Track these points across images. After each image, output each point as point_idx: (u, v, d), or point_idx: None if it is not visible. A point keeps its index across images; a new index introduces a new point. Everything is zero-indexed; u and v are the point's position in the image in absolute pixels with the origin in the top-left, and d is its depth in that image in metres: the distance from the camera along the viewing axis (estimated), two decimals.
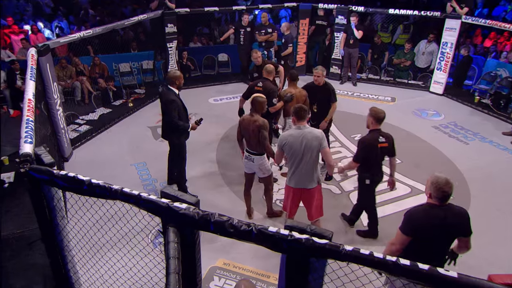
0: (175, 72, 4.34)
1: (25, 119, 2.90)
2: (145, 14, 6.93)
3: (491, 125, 6.80)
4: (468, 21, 7.44)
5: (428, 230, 2.50)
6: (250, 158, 4.04)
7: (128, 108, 7.25)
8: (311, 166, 3.43)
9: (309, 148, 3.37)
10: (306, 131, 3.41)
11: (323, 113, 5.02)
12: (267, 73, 5.00)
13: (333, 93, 4.95)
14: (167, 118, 4.29)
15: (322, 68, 4.96)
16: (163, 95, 4.34)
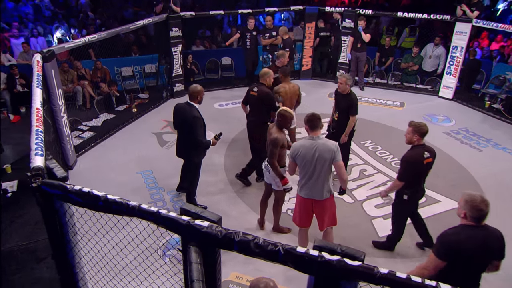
0: (196, 87, 4.15)
1: (34, 130, 2.85)
2: (150, 18, 6.88)
3: (504, 131, 6.75)
4: (479, 25, 7.41)
5: (467, 254, 2.38)
6: (267, 168, 3.94)
7: (132, 113, 7.20)
8: (323, 178, 3.36)
9: (322, 160, 3.29)
10: (319, 142, 3.33)
11: (344, 123, 4.92)
12: (261, 77, 4.88)
13: (354, 105, 4.78)
14: (190, 135, 4.13)
15: (347, 76, 4.89)
16: (182, 111, 4.15)
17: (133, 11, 12.45)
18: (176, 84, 7.87)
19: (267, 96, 4.75)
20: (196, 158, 4.34)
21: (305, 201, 3.49)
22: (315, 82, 9.09)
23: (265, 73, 4.90)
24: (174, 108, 4.30)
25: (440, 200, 4.79)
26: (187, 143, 4.24)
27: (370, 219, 4.50)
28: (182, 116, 4.15)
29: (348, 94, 4.88)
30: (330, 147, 3.31)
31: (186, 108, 4.13)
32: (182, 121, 4.17)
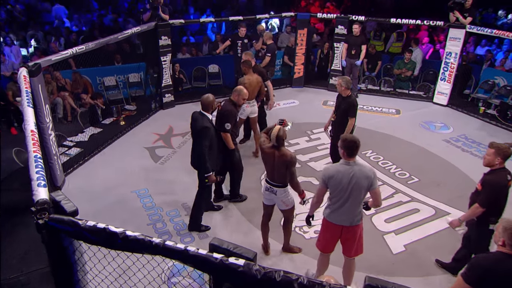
0: (208, 97, 4.13)
1: (33, 156, 2.65)
2: (139, 27, 6.69)
3: (502, 138, 6.80)
4: (473, 31, 7.54)
5: (499, 283, 2.32)
6: (272, 190, 3.81)
7: (121, 127, 6.96)
8: (357, 205, 3.24)
9: (358, 187, 3.15)
10: (355, 168, 3.16)
11: (340, 124, 5.07)
12: (237, 94, 4.52)
13: (353, 108, 4.93)
14: (196, 145, 4.13)
15: (345, 79, 4.99)
16: (195, 120, 4.14)
17: (113, 18, 12.21)
18: (166, 94, 7.68)
19: (224, 115, 4.42)
20: (202, 170, 4.20)
21: (334, 227, 3.34)
22: (308, 90, 9.05)
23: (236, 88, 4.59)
24: (191, 116, 4.24)
25: (450, 212, 4.77)
26: (196, 153, 4.19)
27: (381, 234, 4.42)
28: (194, 125, 4.14)
29: (348, 96, 5.05)
30: (368, 173, 3.18)
31: (198, 117, 4.12)
32: (193, 129, 4.17)
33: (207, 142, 4.02)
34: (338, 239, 3.41)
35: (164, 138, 6.56)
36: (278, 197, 3.82)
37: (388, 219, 4.68)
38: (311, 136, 6.78)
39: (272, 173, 3.77)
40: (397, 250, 4.18)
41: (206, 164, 4.05)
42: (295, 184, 3.79)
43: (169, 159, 5.94)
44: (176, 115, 7.52)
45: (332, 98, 8.45)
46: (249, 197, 5.00)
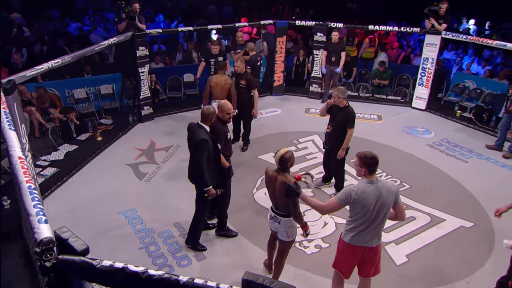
0: (209, 109, 3.99)
1: (26, 188, 2.41)
2: (115, 37, 6.41)
3: (481, 141, 7.08)
4: (448, 37, 7.80)
5: None
6: (276, 219, 3.54)
7: (98, 143, 6.63)
8: (382, 223, 3.13)
9: (385, 205, 3.03)
10: (379, 185, 3.02)
11: (337, 136, 5.00)
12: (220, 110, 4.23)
13: (352, 118, 4.88)
14: (194, 158, 3.95)
15: (341, 89, 4.93)
16: (191, 131, 3.98)
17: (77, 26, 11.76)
18: (144, 107, 7.41)
19: (218, 134, 4.14)
20: (198, 185, 4.03)
21: (356, 249, 3.18)
22: (288, 97, 9.03)
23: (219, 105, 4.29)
24: (188, 127, 4.07)
25: (445, 219, 4.84)
26: (193, 166, 4.00)
27: (382, 245, 4.39)
28: (190, 137, 3.98)
29: (345, 107, 4.97)
30: (392, 188, 3.07)
31: (196, 129, 3.95)
32: (190, 142, 3.99)
33: (205, 156, 3.85)
34: (358, 261, 3.27)
35: (147, 153, 6.32)
36: (281, 227, 3.55)
37: (386, 229, 4.65)
38: (298, 145, 6.74)
39: (275, 200, 3.54)
40: (400, 261, 4.18)
41: (205, 178, 3.89)
42: (297, 215, 3.42)
43: (154, 175, 5.71)
44: (156, 128, 7.28)
45: (313, 106, 8.53)
46: (242, 211, 4.88)
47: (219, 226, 4.52)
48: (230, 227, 4.59)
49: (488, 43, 7.25)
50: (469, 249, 4.39)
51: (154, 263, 4.06)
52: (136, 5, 6.84)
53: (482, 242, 4.50)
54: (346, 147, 5.00)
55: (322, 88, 8.83)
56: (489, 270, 4.07)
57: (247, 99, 6.16)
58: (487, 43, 7.28)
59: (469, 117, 8.06)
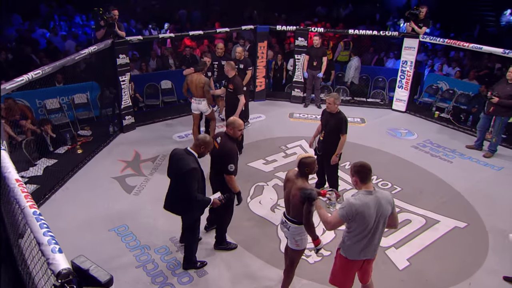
0: (206, 137, 3.71)
1: (31, 214, 2.25)
2: (95, 45, 6.17)
3: (462, 141, 7.32)
4: (426, 40, 8.04)
5: None
6: (286, 224, 3.44)
7: (79, 156, 6.36)
8: (381, 234, 3.08)
9: (383, 216, 2.99)
10: (379, 196, 2.96)
11: (331, 143, 4.99)
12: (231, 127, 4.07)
13: (345, 124, 4.89)
14: (182, 188, 3.61)
15: (335, 95, 4.92)
16: (178, 158, 3.68)
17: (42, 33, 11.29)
18: (126, 116, 7.18)
19: (228, 155, 3.95)
20: (189, 217, 3.81)
21: (356, 263, 3.14)
22: (270, 103, 9.03)
23: (229, 122, 4.14)
24: (170, 154, 3.80)
25: (439, 220, 4.95)
26: (179, 197, 3.70)
27: (382, 250, 4.44)
28: (177, 164, 3.66)
29: (338, 113, 4.97)
30: (389, 198, 3.02)
31: (183, 156, 3.67)
32: (177, 170, 3.67)
33: (195, 186, 3.57)
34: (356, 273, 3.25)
35: (132, 165, 6.11)
36: (290, 234, 3.46)
37: (385, 234, 4.68)
38: (286, 151, 6.72)
39: (288, 204, 3.46)
40: (402, 265, 4.22)
41: (202, 199, 3.68)
42: (309, 225, 3.26)
43: (143, 188, 5.52)
44: (139, 138, 7.07)
45: (297, 110, 8.57)
46: (238, 222, 4.76)
47: (218, 241, 4.39)
48: (228, 239, 4.49)
49: (464, 46, 7.52)
50: (466, 249, 4.50)
51: (154, 282, 3.90)
52: (115, 11, 6.64)
53: (477, 242, 4.63)
54: (339, 152, 5.01)
55: (304, 92, 8.88)
56: (488, 269, 4.18)
57: (235, 104, 6.09)
58: (463, 46, 7.55)
59: (447, 118, 8.34)
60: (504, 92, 6.23)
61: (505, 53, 6.87)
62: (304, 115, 8.37)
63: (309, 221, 3.24)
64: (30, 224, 2.18)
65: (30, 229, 2.16)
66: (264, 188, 5.60)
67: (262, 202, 5.30)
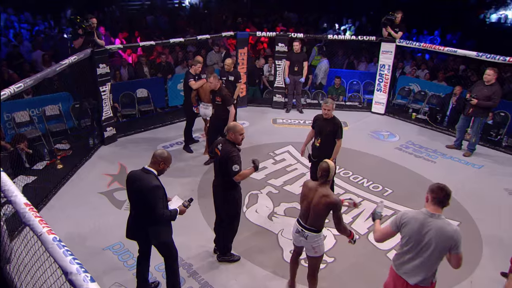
0: (163, 152, 3.53)
1: (51, 241, 2.12)
2: (75, 55, 5.93)
3: (441, 141, 7.61)
4: (402, 44, 8.31)
5: None
6: (302, 233, 3.51)
7: (60, 171, 6.08)
8: (428, 265, 2.93)
9: (434, 246, 2.85)
10: (436, 223, 2.83)
11: (326, 148, 5.00)
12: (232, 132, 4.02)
13: (341, 129, 4.94)
14: (148, 210, 3.37)
15: (332, 101, 4.95)
16: (135, 180, 3.45)
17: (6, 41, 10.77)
18: (107, 128, 6.95)
19: (230, 157, 3.89)
20: (157, 238, 3.54)
21: (398, 278, 3.09)
22: (252, 109, 9.02)
23: (229, 127, 4.10)
24: (128, 176, 3.56)
25: None
26: (144, 221, 3.47)
27: (384, 253, 4.53)
28: (136, 186, 3.43)
29: (333, 118, 5.01)
30: (450, 234, 2.82)
31: (142, 176, 3.43)
32: (137, 192, 3.44)
33: (161, 204, 3.35)
34: None
35: (119, 178, 5.90)
36: (308, 242, 3.53)
37: None
38: (275, 158, 6.72)
39: (307, 213, 3.47)
40: None
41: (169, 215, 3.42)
42: (342, 228, 3.51)
43: None
44: (122, 150, 6.86)
45: (279, 116, 8.61)
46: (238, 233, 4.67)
47: (222, 252, 4.32)
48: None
49: (439, 49, 7.84)
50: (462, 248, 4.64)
51: None
52: (93, 20, 6.42)
53: (471, 240, 4.79)
54: (335, 157, 5.06)
55: (286, 98, 8.95)
56: (486, 267, 4.35)
57: (224, 117, 5.99)
58: (439, 50, 7.88)
59: (424, 119, 8.65)
60: (481, 94, 6.53)
61: (478, 56, 7.23)
62: (287, 121, 8.43)
63: (342, 225, 3.49)
64: (52, 252, 2.05)
65: (53, 258, 2.03)
66: (259, 197, 5.57)
67: (258, 211, 5.27)
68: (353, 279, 4.17)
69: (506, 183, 6.11)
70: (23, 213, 2.36)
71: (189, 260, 4.36)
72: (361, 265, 4.35)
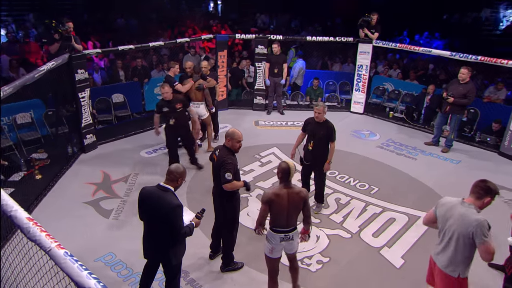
0: (179, 167, 3.34)
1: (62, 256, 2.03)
2: (53, 61, 5.70)
3: (419, 138, 7.86)
4: (378, 45, 8.53)
5: None
6: (289, 237, 3.54)
7: (38, 182, 5.84)
8: (451, 251, 3.02)
9: (456, 231, 2.96)
10: (459, 210, 2.97)
11: (319, 152, 5.04)
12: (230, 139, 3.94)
13: (334, 132, 4.97)
14: (167, 230, 3.26)
15: (323, 104, 4.97)
16: (153, 198, 3.29)
17: None
18: (87, 135, 6.73)
19: (225, 163, 3.84)
20: (174, 260, 3.41)
21: (433, 262, 3.27)
22: (233, 111, 9.00)
23: (228, 133, 4.01)
24: (141, 195, 3.41)
25: (419, 216, 5.24)
26: (163, 240, 3.33)
27: (377, 251, 4.62)
28: (154, 205, 3.27)
29: (325, 122, 5.03)
30: (469, 220, 2.89)
31: (159, 194, 3.27)
32: (154, 211, 3.29)
33: (181, 222, 3.28)
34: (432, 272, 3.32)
35: (104, 187, 5.74)
36: (295, 241, 3.61)
37: (375, 233, 4.92)
38: (261, 160, 6.73)
39: (287, 217, 3.49)
40: (399, 263, 4.41)
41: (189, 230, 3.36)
42: (310, 218, 3.67)
43: (121, 211, 5.21)
44: (104, 157, 6.68)
45: (261, 118, 8.64)
46: None
47: (225, 262, 4.25)
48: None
49: (415, 49, 8.11)
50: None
51: None
52: (69, 24, 6.22)
53: None
54: (331, 159, 5.09)
55: (266, 99, 8.99)
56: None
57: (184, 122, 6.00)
58: (414, 50, 8.14)
59: (401, 117, 8.91)
60: (457, 92, 6.79)
61: (452, 55, 7.53)
62: (269, 122, 8.47)
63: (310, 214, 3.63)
64: (65, 268, 1.96)
65: (68, 274, 1.95)
66: (249, 199, 5.56)
67: (250, 214, 5.26)
68: (350, 278, 4.23)
69: (483, 177, 6.21)
70: (26, 228, 2.25)
71: (184, 267, 4.28)
72: (356, 264, 4.42)
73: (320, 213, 5.28)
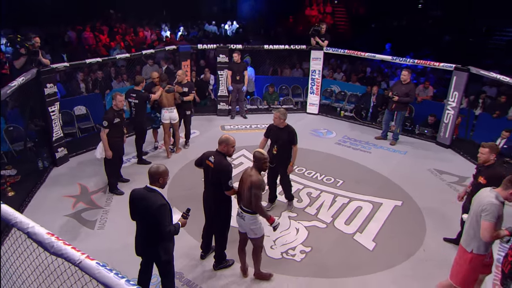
0: (159, 168, 3.32)
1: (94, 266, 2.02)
2: (22, 76, 5.34)
3: (369, 134, 8.33)
4: (329, 52, 8.91)
5: None
6: (241, 215, 3.77)
7: (12, 199, 5.45)
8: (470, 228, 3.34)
9: (473, 209, 3.30)
10: (482, 192, 3.34)
11: (283, 155, 5.11)
12: (224, 145, 3.93)
13: (295, 136, 5.04)
14: (155, 228, 3.28)
15: (282, 111, 5.04)
16: (141, 199, 3.31)
17: None
18: (58, 149, 6.38)
19: (225, 171, 3.84)
20: (165, 255, 3.44)
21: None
22: (198, 118, 8.91)
23: (221, 139, 3.95)
24: (131, 195, 3.42)
25: (381, 203, 5.60)
26: (152, 238, 3.38)
27: (351, 237, 4.86)
28: (142, 205, 3.31)
29: (286, 127, 5.12)
30: (481, 198, 3.26)
31: (146, 195, 3.31)
32: (143, 211, 3.31)
33: (168, 221, 3.29)
34: None
35: (83, 199, 5.49)
36: (246, 223, 3.75)
37: (346, 221, 5.17)
38: (233, 162, 6.77)
39: (243, 197, 3.72)
40: (371, 246, 4.69)
41: (174, 230, 3.35)
42: (258, 208, 3.63)
43: (105, 220, 5.03)
44: (78, 170, 6.38)
45: (227, 123, 8.69)
46: None
47: (217, 260, 4.26)
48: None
49: (361, 55, 8.58)
50: (409, 222, 5.20)
51: None
52: (36, 39, 5.87)
53: (414, 215, 5.38)
54: (293, 162, 5.18)
55: (229, 105, 9.04)
56: (431, 235, 4.91)
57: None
58: (360, 55, 8.61)
59: (351, 116, 9.38)
60: (401, 91, 7.30)
61: (393, 59, 8.08)
62: (234, 126, 8.53)
63: (258, 204, 3.64)
64: (101, 278, 1.92)
65: (103, 285, 1.90)
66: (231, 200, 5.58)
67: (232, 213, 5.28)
68: (332, 263, 4.40)
69: (428, 165, 6.90)
70: (49, 243, 2.17)
71: (178, 269, 4.23)
72: (335, 250, 4.62)
73: (295, 207, 5.43)
